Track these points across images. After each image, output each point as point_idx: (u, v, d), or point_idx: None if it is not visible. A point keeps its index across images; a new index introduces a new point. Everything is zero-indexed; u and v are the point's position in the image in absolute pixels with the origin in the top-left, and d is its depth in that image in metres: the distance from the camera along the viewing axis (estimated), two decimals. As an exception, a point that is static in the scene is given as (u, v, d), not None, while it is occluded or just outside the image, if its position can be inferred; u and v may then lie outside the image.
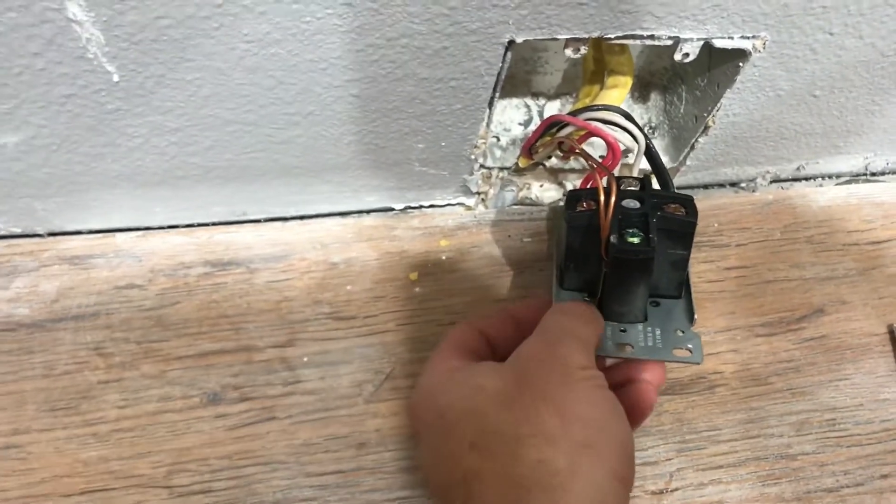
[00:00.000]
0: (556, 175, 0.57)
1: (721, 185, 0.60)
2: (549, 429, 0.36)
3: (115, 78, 0.41)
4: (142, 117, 0.44)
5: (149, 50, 0.39)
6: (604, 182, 0.44)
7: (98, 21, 0.37)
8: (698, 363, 0.44)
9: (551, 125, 0.49)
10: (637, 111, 0.58)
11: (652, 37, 0.44)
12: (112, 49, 0.39)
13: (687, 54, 0.46)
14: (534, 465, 0.35)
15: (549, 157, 0.55)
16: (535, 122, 0.57)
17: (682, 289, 0.47)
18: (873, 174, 0.62)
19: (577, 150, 0.47)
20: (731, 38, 0.45)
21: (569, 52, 0.45)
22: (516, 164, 0.55)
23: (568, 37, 0.43)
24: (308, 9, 0.38)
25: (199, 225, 0.54)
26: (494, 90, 0.47)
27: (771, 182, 0.61)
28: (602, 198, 0.43)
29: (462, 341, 0.44)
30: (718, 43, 0.45)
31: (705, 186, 0.60)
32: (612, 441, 0.37)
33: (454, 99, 0.46)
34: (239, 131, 0.46)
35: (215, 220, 0.54)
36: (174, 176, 0.48)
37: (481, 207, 0.57)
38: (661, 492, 0.48)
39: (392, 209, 0.56)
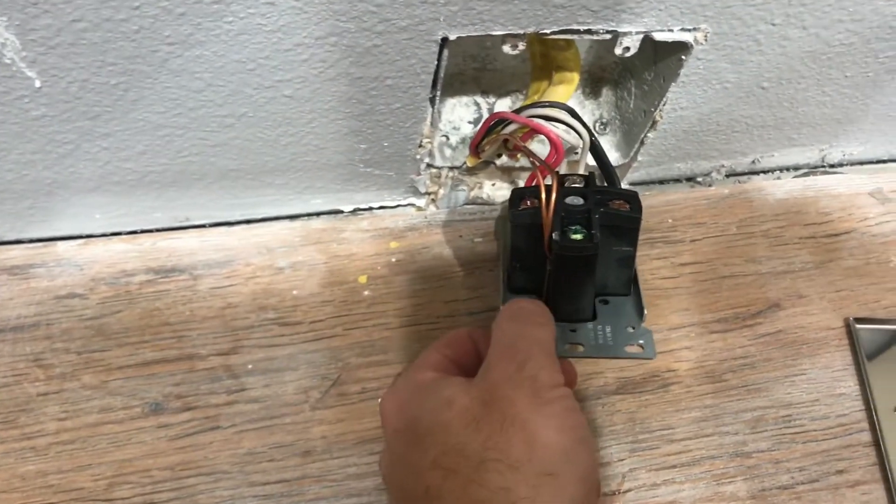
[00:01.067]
0: (508, 174, 0.57)
1: (677, 181, 0.60)
2: (515, 454, 0.35)
3: (37, 83, 0.40)
4: (69, 123, 0.43)
5: (68, 54, 0.38)
6: (546, 179, 0.43)
7: (11, 25, 0.36)
8: (651, 359, 0.43)
9: (496, 123, 0.48)
10: (588, 107, 0.57)
11: (589, 31, 0.43)
12: (29, 54, 0.38)
13: (627, 48, 0.45)
14: (495, 491, 0.34)
15: (498, 156, 0.54)
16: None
17: (631, 286, 0.47)
18: (831, 166, 0.62)
19: (521, 148, 0.47)
20: (671, 30, 0.44)
21: (507, 48, 0.44)
22: (465, 163, 0.54)
23: (503, 33, 0.42)
24: (229, 9, 0.37)
25: (143, 232, 0.53)
26: (434, 88, 0.46)
27: (727, 176, 0.60)
28: (543, 195, 0.42)
29: (451, 347, 0.43)
30: (658, 36, 0.44)
31: (660, 182, 0.59)
32: (576, 470, 0.36)
33: (392, 98, 0.45)
34: (171, 135, 0.45)
35: (158, 226, 0.53)
36: (109, 182, 0.47)
37: (432, 208, 0.56)
38: (614, 493, 0.47)
39: (341, 211, 0.55)
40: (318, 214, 0.55)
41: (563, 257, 0.43)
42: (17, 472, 0.45)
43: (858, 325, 0.53)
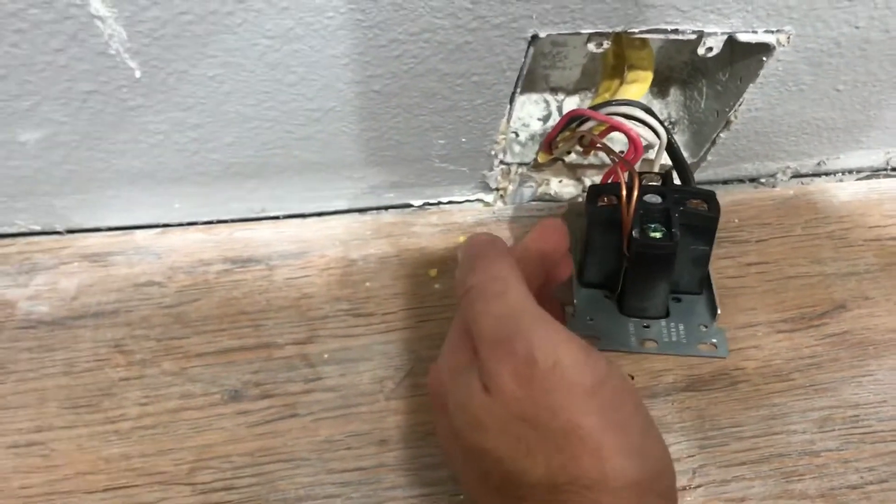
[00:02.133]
0: (574, 171, 0.57)
1: (741, 181, 0.60)
2: (586, 473, 0.32)
3: (137, 74, 0.41)
4: (163, 113, 0.43)
5: (171, 46, 0.39)
6: (625, 177, 0.44)
7: (121, 17, 0.37)
8: (724, 357, 0.44)
9: (572, 120, 0.49)
10: (656, 106, 0.58)
11: (676, 31, 0.44)
12: (134, 45, 0.39)
13: (710, 48, 0.45)
14: None
15: (569, 153, 0.55)
16: (555, 118, 0.57)
17: (704, 284, 0.47)
18: (894, 169, 0.62)
19: (599, 145, 0.47)
20: (755, 32, 0.44)
21: (591, 46, 0.44)
22: (535, 159, 0.54)
23: (591, 31, 0.43)
24: (331, 4, 0.38)
25: (219, 222, 0.54)
26: (516, 85, 0.46)
27: (791, 177, 0.60)
28: (624, 192, 0.43)
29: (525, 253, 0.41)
30: (742, 37, 0.44)
31: (725, 182, 0.60)
32: (654, 467, 0.33)
33: (476, 94, 0.46)
34: (259, 127, 0.45)
35: (234, 216, 0.54)
36: (194, 172, 0.48)
37: (500, 204, 0.57)
38: (684, 489, 0.48)
39: (410, 205, 0.56)
40: (388, 208, 0.56)
41: (642, 255, 0.43)
42: (101, 454, 0.46)
43: (925, 328, 0.54)
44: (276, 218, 0.55)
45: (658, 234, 0.43)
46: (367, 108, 0.45)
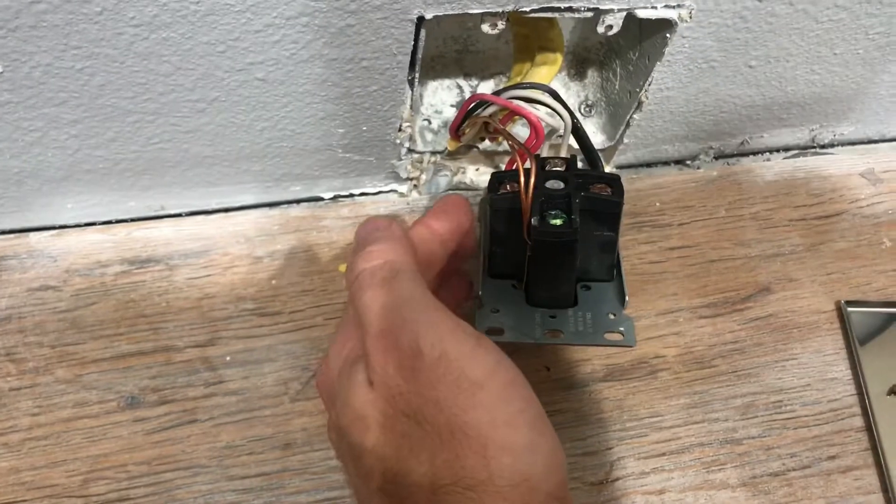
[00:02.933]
0: (492, 158, 0.55)
1: (664, 163, 0.59)
2: (470, 473, 0.30)
3: (-1, 68, 0.38)
4: (35, 109, 0.41)
5: (29, 37, 0.37)
6: (527, 163, 0.42)
7: (-33, 7, 0.35)
8: (631, 346, 0.42)
9: (476, 105, 0.47)
10: (574, 89, 0.56)
11: (570, 9, 0.42)
12: (-11, 37, 0.36)
13: (610, 26, 0.44)
14: None
15: (481, 140, 0.53)
16: (468, 104, 0.55)
17: (614, 271, 0.45)
18: (822, 146, 0.60)
19: (500, 131, 0.45)
20: (655, 7, 0.43)
21: (486, 27, 0.43)
22: (447, 147, 0.53)
23: (481, 11, 0.41)
24: (195, -12, 0.36)
25: (117, 221, 0.52)
26: (412, 70, 0.44)
27: (716, 158, 0.59)
28: (522, 179, 0.41)
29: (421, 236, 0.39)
30: (641, 13, 0.43)
31: (648, 165, 0.58)
32: (545, 463, 0.31)
33: (368, 80, 0.44)
34: (141, 121, 0.43)
35: (133, 215, 0.52)
36: (80, 170, 0.46)
37: (415, 194, 0.55)
38: (601, 482, 0.46)
39: (321, 199, 0.54)
40: (297, 202, 0.54)
41: (543, 243, 0.42)
42: (-11, 469, 0.44)
43: (850, 309, 0.52)
44: (179, 215, 0.53)
45: (558, 221, 0.41)
46: (254, 97, 0.43)
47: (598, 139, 0.54)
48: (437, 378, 0.31)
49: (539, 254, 0.42)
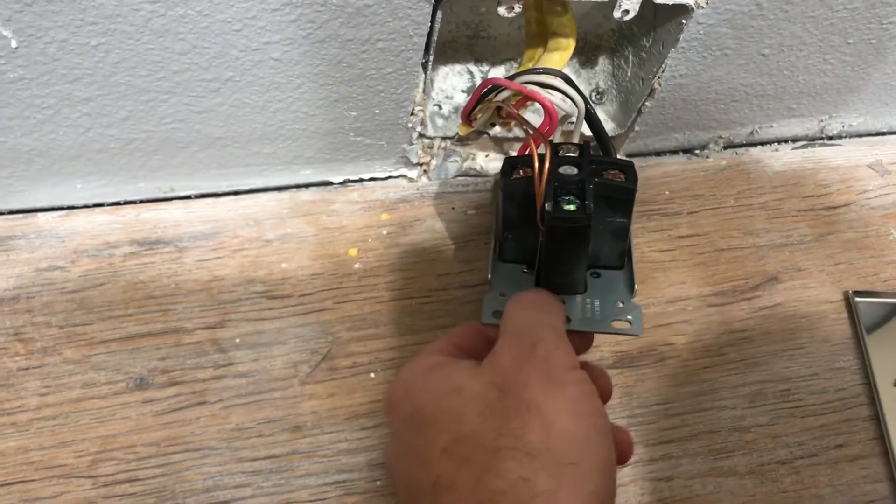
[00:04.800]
0: (501, 144, 0.55)
1: (674, 152, 0.58)
2: (532, 443, 0.33)
3: (13, 44, 0.38)
4: (49, 86, 0.41)
5: (45, 12, 0.37)
6: (540, 148, 0.42)
7: (-16, -20, 0.35)
8: (639, 335, 0.42)
9: (489, 90, 0.47)
10: (584, 76, 0.56)
11: (587, -8, 0.42)
12: (5, 11, 0.36)
13: (627, 11, 0.44)
14: (514, 482, 0.32)
15: (492, 125, 0.53)
16: (479, 89, 0.55)
17: (625, 259, 0.45)
18: (830, 138, 0.60)
19: (514, 115, 0.45)
20: (672, -8, 0.42)
21: (502, 10, 0.42)
22: (458, 132, 0.52)
23: (499, -7, 0.41)
24: (213, -36, 0.36)
25: (126, 203, 0.52)
26: (427, 52, 0.44)
27: (725, 148, 0.59)
28: (536, 164, 0.41)
29: (461, 338, 0.41)
30: (658, -2, 0.43)
31: (657, 153, 0.58)
32: (596, 460, 0.34)
33: (383, 62, 0.44)
34: (155, 100, 0.43)
35: (142, 197, 0.51)
36: (91, 150, 0.46)
37: (424, 179, 0.55)
38: (610, 468, 0.46)
39: (330, 183, 0.54)
40: (307, 186, 0.54)
41: (556, 228, 0.41)
42: (-3, 448, 0.44)
43: (858, 299, 0.53)
44: (188, 198, 0.52)
45: (572, 207, 0.41)
46: (268, 77, 0.43)
47: (608, 127, 0.54)
48: (538, 371, 0.35)
49: (551, 239, 0.42)
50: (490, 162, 0.55)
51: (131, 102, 0.43)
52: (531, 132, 0.43)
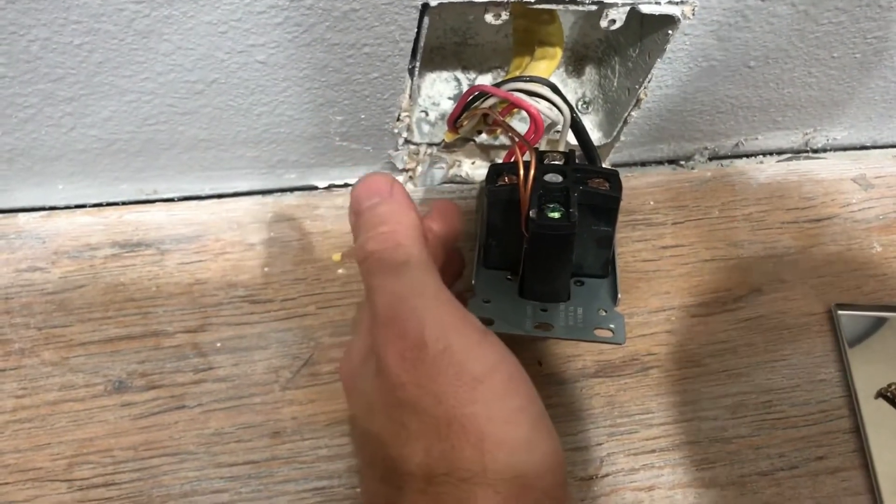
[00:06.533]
0: (487, 152, 0.55)
1: (659, 163, 0.59)
2: (466, 466, 0.30)
3: (-5, 41, 0.38)
4: (31, 85, 0.41)
5: (28, 10, 0.36)
6: (525, 156, 0.42)
7: (-34, -24, 0.34)
8: (621, 343, 0.42)
9: (475, 97, 0.47)
10: (571, 86, 0.56)
11: (575, 1, 0.42)
12: (-14, 8, 0.36)
13: (613, 21, 0.44)
14: None
15: (479, 133, 0.53)
16: (465, 97, 0.55)
17: (609, 268, 0.45)
18: (815, 151, 0.61)
19: (500, 123, 0.45)
20: (659, 3, 0.43)
21: (489, 18, 0.42)
22: (444, 139, 0.52)
23: (486, 0, 0.41)
24: (199, -35, 0.36)
25: (109, 204, 0.51)
26: (414, 58, 0.44)
27: (710, 159, 0.59)
28: (521, 171, 0.41)
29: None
30: (645, 9, 0.43)
31: (642, 164, 0.58)
32: (542, 460, 0.31)
33: (370, 67, 0.44)
34: (138, 101, 0.43)
35: (125, 199, 0.51)
36: (73, 150, 0.45)
37: (410, 185, 0.55)
38: (592, 477, 0.46)
39: (315, 187, 0.54)
40: (291, 190, 0.53)
41: (540, 236, 0.41)
42: (-29, 450, 0.44)
43: (840, 311, 0.53)
44: (171, 200, 0.52)
45: (556, 214, 0.41)
46: (253, 80, 0.43)
47: (594, 136, 0.54)
48: (439, 371, 0.31)
49: (535, 247, 0.42)
50: (476, 169, 0.55)
51: (115, 103, 0.43)
52: (517, 139, 0.43)
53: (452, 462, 0.30)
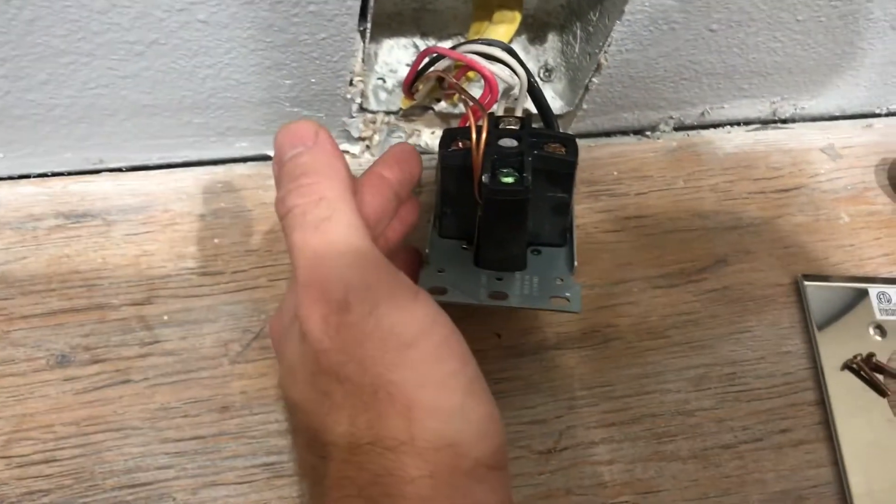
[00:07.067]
0: (447, 121, 0.54)
1: (624, 133, 0.57)
2: (391, 434, 0.28)
3: (-84, -3, 0.36)
4: (-42, 45, 0.39)
5: (-52, -38, 0.35)
6: (479, 120, 0.40)
7: None
8: (576, 312, 0.41)
9: (430, 59, 0.45)
10: (533, 53, 0.55)
11: (529, -41, 0.40)
12: None
13: (570, -19, 0.42)
14: (377, 477, 0.28)
15: (438, 101, 0.52)
16: (424, 64, 0.53)
17: (566, 236, 0.44)
18: (783, 120, 0.60)
19: (454, 86, 0.44)
20: (615, -39, 0.41)
21: (442, -23, 0.41)
22: (401, 107, 0.51)
23: (436, -43, 0.39)
24: (128, -86, 0.34)
25: (54, 174, 0.50)
26: (364, 19, 0.43)
27: (676, 129, 0.58)
28: (474, 135, 0.39)
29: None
30: (602, -34, 0.41)
31: (607, 134, 0.57)
32: (477, 427, 0.30)
33: (316, 27, 0.42)
34: (75, 63, 0.41)
35: (70, 168, 0.49)
36: (11, 115, 0.44)
37: (367, 155, 0.53)
38: (549, 451, 0.45)
39: (268, 157, 0.52)
40: (244, 160, 0.52)
41: (493, 202, 0.40)
42: None
43: (807, 283, 0.52)
44: (119, 170, 0.50)
45: (510, 179, 0.39)
46: (195, 40, 0.41)
47: (557, 105, 0.53)
48: (365, 335, 0.30)
49: (489, 213, 0.41)
50: (435, 139, 0.54)
51: (51, 65, 0.41)
52: (471, 103, 0.42)
53: (378, 431, 0.29)
